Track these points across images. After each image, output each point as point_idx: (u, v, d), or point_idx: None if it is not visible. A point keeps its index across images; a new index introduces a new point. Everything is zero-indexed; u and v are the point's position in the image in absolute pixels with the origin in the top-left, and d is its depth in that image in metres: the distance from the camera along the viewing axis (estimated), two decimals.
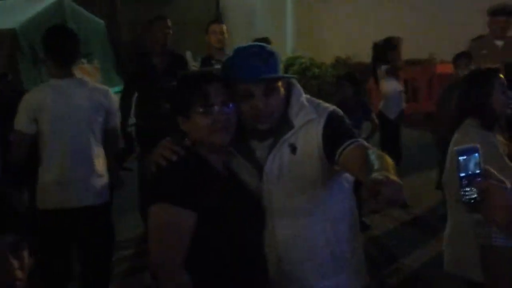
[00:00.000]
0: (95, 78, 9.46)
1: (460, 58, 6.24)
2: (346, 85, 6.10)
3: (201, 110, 2.18)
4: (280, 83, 2.36)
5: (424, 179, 7.31)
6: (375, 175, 1.78)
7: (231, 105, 2.24)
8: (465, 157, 1.56)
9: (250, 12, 13.45)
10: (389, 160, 2.05)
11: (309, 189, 2.46)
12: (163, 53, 5.77)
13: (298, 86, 2.50)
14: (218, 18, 10.62)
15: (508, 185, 1.55)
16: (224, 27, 6.50)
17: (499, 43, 6.18)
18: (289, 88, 2.45)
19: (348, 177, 2.57)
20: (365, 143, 2.38)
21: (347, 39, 12.94)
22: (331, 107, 2.48)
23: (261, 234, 2.39)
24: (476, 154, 1.56)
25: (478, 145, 1.56)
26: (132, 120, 6.02)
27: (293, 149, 2.42)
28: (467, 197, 1.56)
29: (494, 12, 6.21)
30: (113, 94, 4.23)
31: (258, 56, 2.33)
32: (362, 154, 2.16)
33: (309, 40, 13.88)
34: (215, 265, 2.18)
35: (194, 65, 6.86)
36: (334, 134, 2.39)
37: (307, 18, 14.29)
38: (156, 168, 2.25)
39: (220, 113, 2.20)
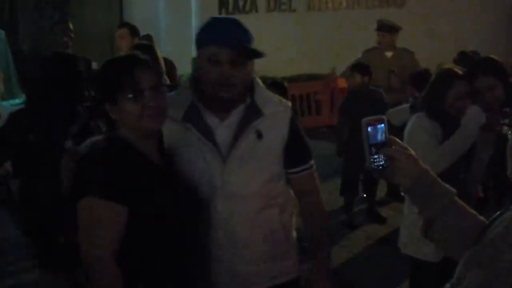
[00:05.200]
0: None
1: (356, 68, 6.57)
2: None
3: (130, 96, 2.10)
4: (248, 62, 2.41)
5: (331, 186, 7.42)
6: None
7: (161, 89, 2.18)
8: (372, 127, 1.65)
9: (155, 26, 13.35)
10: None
11: (268, 174, 2.52)
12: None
13: (258, 78, 2.59)
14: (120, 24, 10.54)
15: (412, 152, 1.67)
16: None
17: (389, 54, 6.91)
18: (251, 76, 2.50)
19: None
20: (314, 173, 2.63)
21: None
22: (288, 102, 2.64)
23: (198, 225, 2.37)
24: (382, 124, 1.66)
25: (384, 116, 1.68)
26: None
27: (259, 135, 2.46)
28: (375, 164, 1.66)
29: (379, 28, 6.95)
30: (12, 106, 4.16)
31: (240, 25, 2.41)
32: (308, 188, 2.57)
33: None
34: (148, 258, 2.15)
35: None
36: (296, 146, 2.55)
37: None
38: (81, 162, 2.18)
39: (150, 98, 2.12)
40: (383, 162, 1.66)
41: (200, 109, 2.45)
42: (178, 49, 6.98)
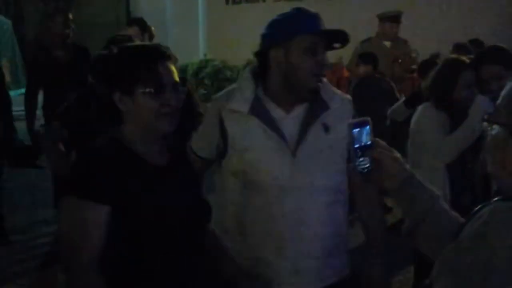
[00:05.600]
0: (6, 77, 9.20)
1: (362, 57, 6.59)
2: None
3: (151, 90, 1.92)
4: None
5: None
6: None
7: (180, 88, 2.03)
8: (358, 129, 1.64)
9: (161, 16, 13.35)
10: None
11: (335, 169, 2.48)
12: (65, 47, 5.67)
13: None
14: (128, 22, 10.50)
15: (397, 154, 1.67)
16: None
17: (387, 43, 6.88)
18: None
19: None
20: None
21: (258, 43, 13.01)
22: (348, 96, 2.63)
23: (199, 235, 2.16)
24: (368, 127, 1.65)
25: (369, 118, 1.66)
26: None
27: (326, 128, 2.43)
28: (361, 167, 1.65)
29: (382, 19, 6.90)
30: (19, 96, 4.20)
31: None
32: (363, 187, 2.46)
33: (221, 43, 13.93)
34: (133, 267, 1.97)
35: None
36: None
37: (219, 22, 14.34)
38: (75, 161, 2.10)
39: (171, 97, 1.96)
40: (369, 165, 1.65)
41: (264, 102, 2.40)
42: (185, 40, 6.97)
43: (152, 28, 6.46)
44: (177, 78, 2.00)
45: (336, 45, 2.43)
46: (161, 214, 1.96)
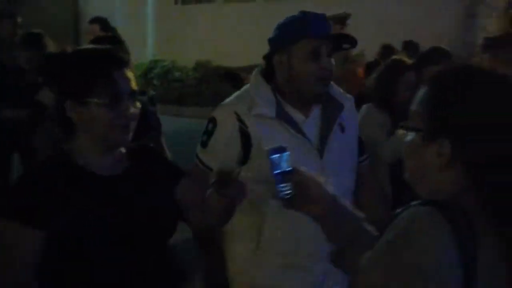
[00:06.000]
0: None
1: None
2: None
3: (105, 100, 1.73)
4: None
5: None
6: None
7: (136, 96, 1.83)
8: (277, 155, 1.62)
9: (111, 17, 13.23)
10: None
11: (353, 168, 2.47)
12: (12, 49, 5.58)
13: None
14: (76, 22, 10.38)
15: (321, 179, 1.64)
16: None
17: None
18: None
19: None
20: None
21: (207, 44, 13.11)
22: (350, 95, 2.56)
23: (153, 254, 1.92)
24: (287, 153, 1.63)
25: (287, 145, 1.64)
26: None
27: (342, 128, 2.40)
28: (283, 193, 1.62)
29: (335, 21, 6.94)
30: None
31: (324, 16, 2.31)
32: (371, 177, 2.55)
33: (170, 44, 13.89)
34: (71, 284, 1.80)
35: None
36: (359, 136, 2.53)
37: (168, 23, 14.29)
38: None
39: (127, 107, 1.77)
40: (291, 191, 1.62)
41: (283, 105, 2.34)
42: (134, 40, 6.93)
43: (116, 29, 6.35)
44: (134, 86, 1.83)
45: (346, 45, 2.43)
46: (103, 228, 1.77)
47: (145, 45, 14.31)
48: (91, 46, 2.29)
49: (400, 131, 1.36)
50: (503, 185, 1.20)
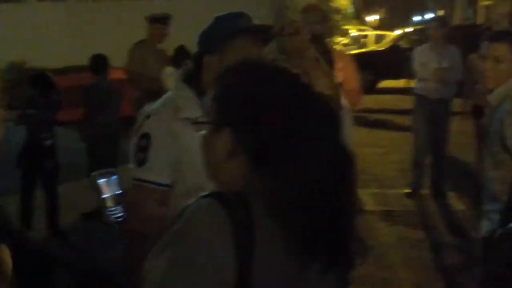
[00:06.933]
0: None
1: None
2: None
3: None
4: None
5: None
6: None
7: None
8: (105, 179, 1.63)
9: None
10: None
11: None
12: None
13: None
14: None
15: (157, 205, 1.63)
16: None
17: (159, 45, 6.96)
18: None
19: None
20: None
21: (22, 44, 12.56)
22: None
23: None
24: (115, 176, 1.65)
25: (115, 169, 1.67)
26: None
27: None
28: (114, 216, 1.63)
29: (152, 20, 6.95)
30: None
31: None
32: None
33: None
34: None
35: None
36: None
37: None
38: None
39: None
40: (122, 213, 1.63)
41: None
42: None
43: None
44: None
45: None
46: None
47: None
48: None
49: (200, 133, 1.40)
50: (278, 174, 1.23)
